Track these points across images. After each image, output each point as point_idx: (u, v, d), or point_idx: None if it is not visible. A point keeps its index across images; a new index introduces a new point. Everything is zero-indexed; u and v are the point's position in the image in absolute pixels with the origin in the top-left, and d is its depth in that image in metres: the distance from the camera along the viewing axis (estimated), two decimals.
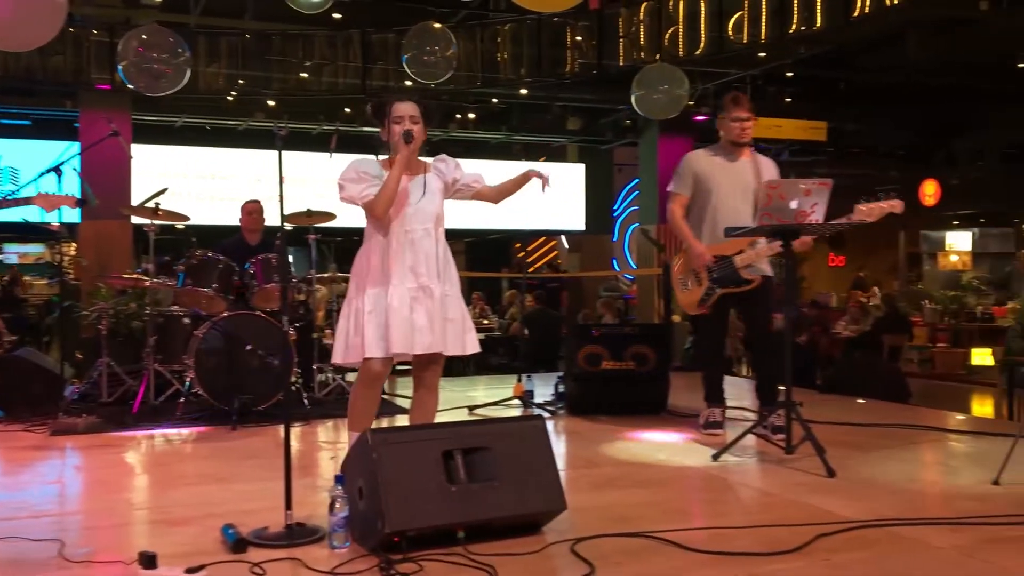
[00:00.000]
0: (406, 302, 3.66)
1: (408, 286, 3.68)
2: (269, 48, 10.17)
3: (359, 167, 3.73)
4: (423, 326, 3.67)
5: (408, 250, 3.70)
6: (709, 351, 5.36)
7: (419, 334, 3.67)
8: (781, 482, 4.03)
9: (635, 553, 3.01)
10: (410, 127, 3.70)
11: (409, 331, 3.65)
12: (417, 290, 3.69)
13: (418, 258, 3.71)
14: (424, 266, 3.72)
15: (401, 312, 3.65)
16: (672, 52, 9.51)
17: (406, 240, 3.71)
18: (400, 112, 3.72)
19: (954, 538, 3.16)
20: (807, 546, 3.04)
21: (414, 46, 7.86)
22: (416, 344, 3.67)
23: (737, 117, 4.97)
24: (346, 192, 3.70)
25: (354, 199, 3.69)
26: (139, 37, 7.16)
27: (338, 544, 3.02)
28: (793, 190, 4.23)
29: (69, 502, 4.01)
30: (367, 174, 3.71)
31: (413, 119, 3.72)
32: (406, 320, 3.65)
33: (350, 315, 3.74)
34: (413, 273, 3.70)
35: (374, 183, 3.68)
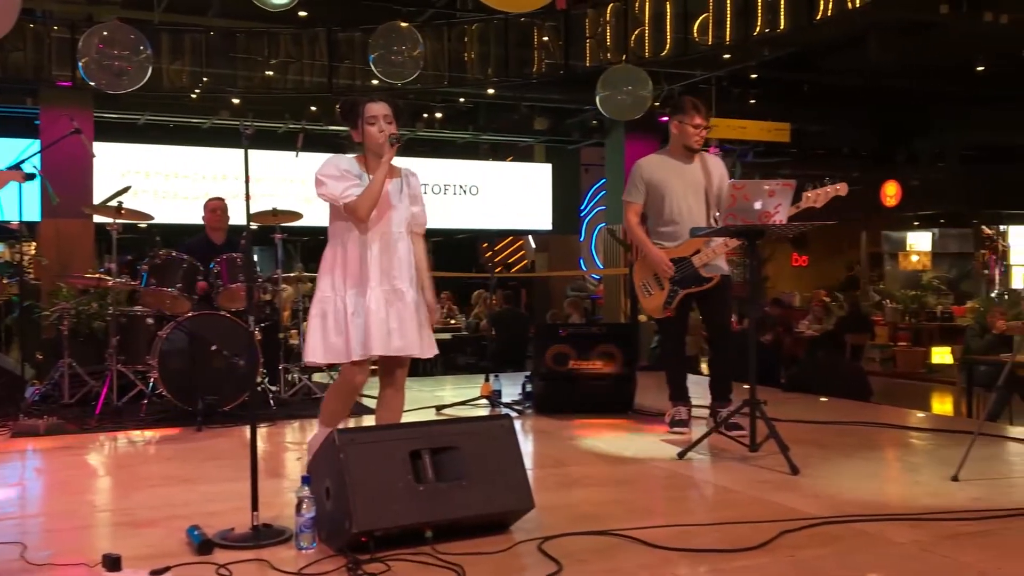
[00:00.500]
0: (383, 304, 3.67)
1: (384, 288, 3.69)
2: (234, 46, 10.08)
3: (340, 164, 3.70)
4: (395, 328, 3.69)
5: (384, 253, 3.71)
6: (672, 350, 5.42)
7: (394, 336, 3.68)
8: (745, 479, 4.07)
9: (602, 551, 3.03)
10: (384, 127, 3.69)
11: (386, 333, 3.66)
12: (391, 292, 3.70)
13: (392, 261, 3.72)
14: (397, 269, 3.73)
15: (379, 314, 3.66)
16: (638, 53, 9.56)
17: (383, 242, 3.71)
18: (374, 112, 3.71)
19: (914, 534, 3.21)
20: (771, 542, 3.08)
21: (381, 45, 7.84)
22: (392, 346, 3.68)
23: (696, 124, 5.06)
24: (327, 189, 3.66)
25: (336, 197, 3.66)
26: (100, 34, 7.07)
27: (305, 545, 3.00)
28: (757, 191, 4.28)
29: (30, 504, 3.96)
30: (349, 172, 3.69)
31: (387, 119, 3.72)
32: (383, 322, 3.66)
33: (328, 314, 3.72)
34: (388, 276, 3.71)
35: (356, 183, 3.67)
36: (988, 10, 10.11)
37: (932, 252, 18.75)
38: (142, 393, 5.78)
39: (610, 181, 14.94)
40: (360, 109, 3.71)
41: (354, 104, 3.76)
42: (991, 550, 3.03)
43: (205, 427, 5.32)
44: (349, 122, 3.77)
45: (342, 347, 3.68)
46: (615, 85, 8.51)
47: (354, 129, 3.75)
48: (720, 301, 5.12)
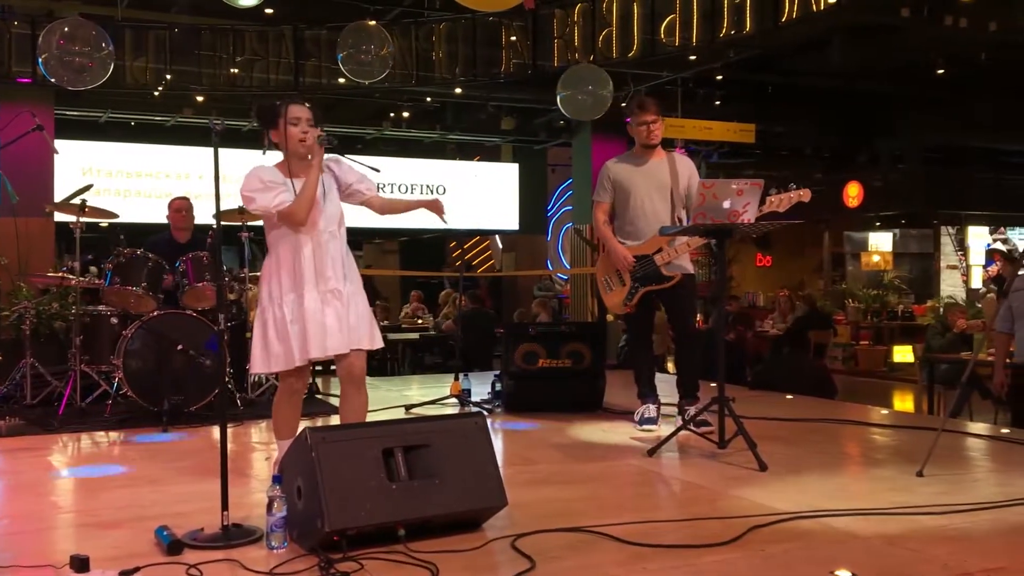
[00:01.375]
0: (319, 306, 3.66)
1: (320, 289, 3.68)
2: (198, 43, 9.97)
3: (263, 176, 3.66)
4: (333, 327, 3.67)
5: (316, 254, 3.69)
6: (638, 348, 5.45)
7: (330, 336, 3.67)
8: (715, 476, 4.11)
9: (575, 547, 3.04)
10: (308, 129, 3.67)
11: (323, 335, 3.65)
12: (326, 293, 3.69)
13: (325, 261, 3.70)
14: (331, 269, 3.72)
15: (316, 317, 3.65)
16: (605, 54, 9.59)
17: (314, 244, 3.69)
18: (297, 114, 3.68)
19: (881, 528, 3.25)
20: (741, 538, 3.11)
21: (350, 44, 7.79)
22: (328, 347, 3.67)
23: (643, 120, 5.11)
24: (257, 203, 3.63)
25: (268, 209, 3.63)
26: (61, 30, 6.96)
27: (276, 544, 2.98)
28: (726, 190, 4.31)
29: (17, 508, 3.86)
30: (273, 182, 3.65)
31: (309, 122, 3.69)
32: (320, 325, 3.65)
33: (268, 322, 3.69)
34: (322, 277, 3.69)
35: (283, 189, 3.64)
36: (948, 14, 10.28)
37: (893, 252, 19.01)
38: (107, 393, 5.70)
39: (577, 181, 14.96)
40: (281, 109, 3.68)
41: (274, 105, 3.73)
42: (956, 543, 3.08)
43: (171, 427, 5.27)
44: (266, 123, 3.72)
45: (282, 355, 3.67)
46: (576, 84, 8.53)
47: (272, 129, 3.71)
48: (684, 300, 5.17)
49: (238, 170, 11.18)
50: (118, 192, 13.29)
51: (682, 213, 5.17)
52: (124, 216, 10.17)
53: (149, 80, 9.95)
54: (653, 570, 2.84)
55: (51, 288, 6.69)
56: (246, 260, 6.26)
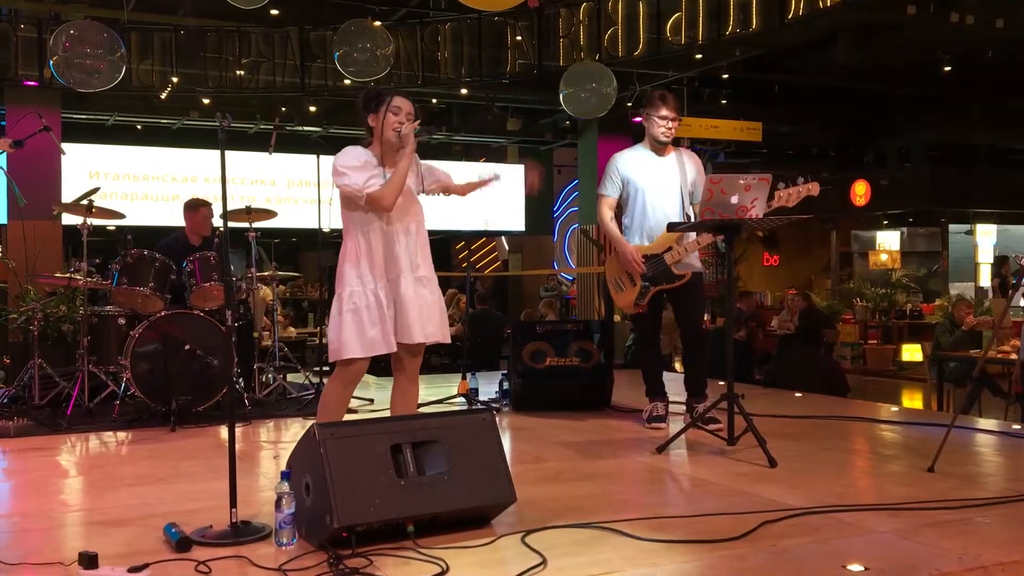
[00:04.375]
0: (413, 291, 3.73)
1: (416, 276, 3.75)
2: (204, 45, 9.98)
3: (360, 155, 3.70)
4: (427, 315, 3.75)
5: (409, 243, 3.75)
6: (647, 347, 5.43)
7: (426, 323, 3.75)
8: (724, 472, 4.09)
9: (585, 543, 3.02)
10: (403, 121, 3.70)
11: (421, 319, 3.73)
12: (421, 279, 3.77)
13: (415, 249, 3.78)
14: (421, 257, 3.80)
15: (415, 302, 3.72)
16: (611, 52, 9.57)
17: (407, 231, 3.76)
18: (399, 104, 3.74)
19: (893, 522, 3.23)
20: (752, 532, 3.09)
21: (345, 43, 7.76)
22: (426, 332, 3.75)
23: (664, 116, 5.05)
24: (350, 180, 3.62)
25: (360, 188, 3.62)
26: (68, 32, 6.96)
27: (285, 541, 2.97)
28: (733, 186, 4.29)
29: (1, 505, 3.88)
30: (370, 163, 3.68)
31: (409, 115, 3.73)
32: (420, 309, 3.73)
33: (361, 307, 3.69)
34: (414, 263, 3.76)
35: (377, 174, 3.66)
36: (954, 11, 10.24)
37: (901, 251, 18.94)
38: (115, 394, 5.70)
39: (583, 182, 14.94)
40: (387, 97, 3.76)
41: (380, 93, 3.82)
42: (970, 537, 3.06)
43: (179, 427, 5.26)
44: (369, 107, 3.76)
45: (380, 339, 3.68)
46: (578, 82, 8.50)
47: (372, 114, 3.74)
48: (693, 299, 5.13)
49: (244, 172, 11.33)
50: (125, 195, 13.32)
51: (690, 210, 5.15)
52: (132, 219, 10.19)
53: (155, 82, 9.96)
54: (664, 565, 2.82)
55: (58, 290, 6.69)
56: (253, 261, 6.25)
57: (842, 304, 16.15)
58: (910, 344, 14.66)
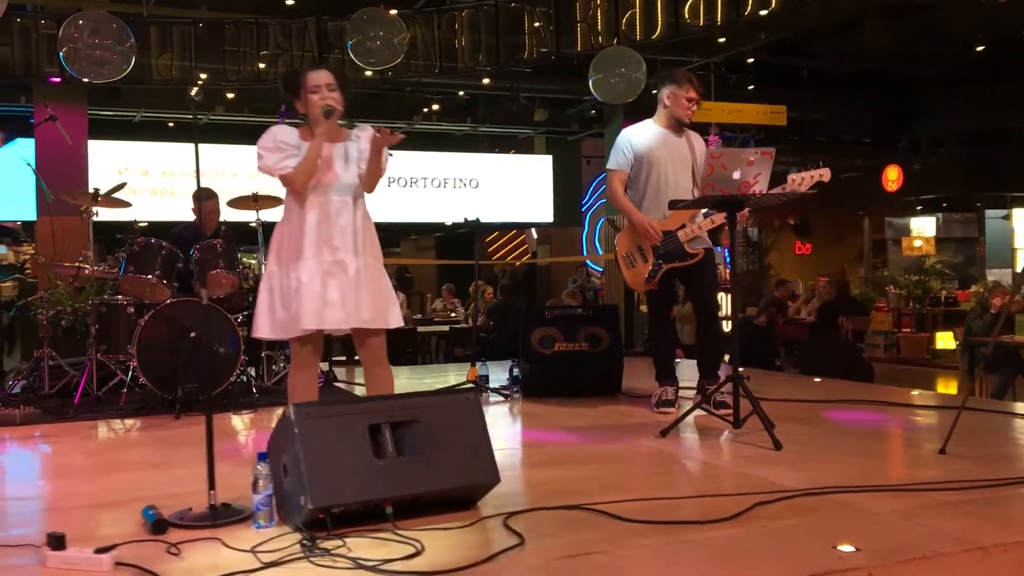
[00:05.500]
0: (317, 277, 3.59)
1: (324, 259, 3.61)
2: (222, 38, 9.99)
3: (277, 136, 3.65)
4: (335, 300, 3.60)
5: (323, 222, 3.62)
6: (657, 329, 5.31)
7: (330, 309, 3.59)
8: (727, 455, 3.99)
9: (570, 524, 2.93)
10: (326, 96, 3.61)
11: (320, 306, 3.58)
12: (332, 264, 3.61)
13: (333, 231, 3.63)
14: (339, 239, 3.64)
15: (311, 287, 3.58)
16: (630, 36, 9.43)
17: (322, 212, 3.63)
18: (316, 81, 3.65)
19: (895, 504, 3.11)
20: (745, 513, 2.98)
21: (358, 31, 7.71)
22: (327, 319, 3.60)
23: (691, 97, 4.95)
24: (263, 162, 3.63)
25: (271, 169, 3.62)
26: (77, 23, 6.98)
27: (263, 523, 2.91)
28: (736, 160, 4.17)
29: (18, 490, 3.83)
30: (286, 144, 3.63)
31: (330, 87, 3.64)
32: (317, 296, 3.58)
33: (275, 289, 3.66)
34: (328, 247, 3.62)
35: (292, 154, 3.60)
36: None
37: (936, 237, 18.56)
38: (123, 382, 5.70)
39: None
40: (302, 79, 3.67)
41: (296, 74, 3.73)
42: (972, 518, 2.93)
43: (184, 415, 5.24)
44: (292, 93, 3.71)
45: (287, 322, 3.62)
46: (607, 68, 8.39)
47: (297, 100, 3.69)
48: (705, 277, 5.01)
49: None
50: (153, 191, 13.41)
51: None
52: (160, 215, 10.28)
53: (175, 76, 9.98)
54: (646, 546, 2.72)
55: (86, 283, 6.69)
56: (259, 247, 6.22)
57: (876, 292, 15.84)
58: (944, 332, 14.35)
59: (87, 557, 2.55)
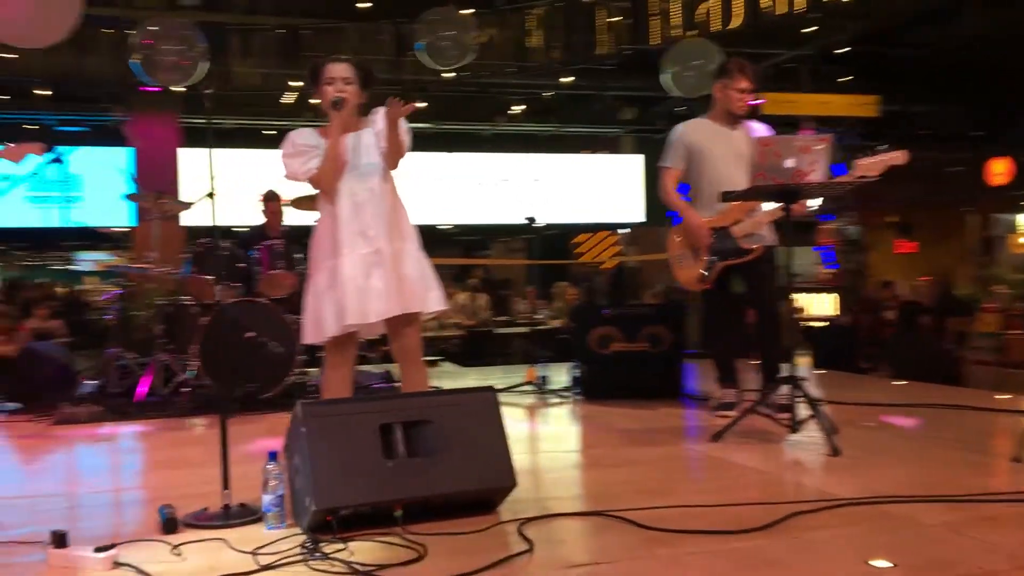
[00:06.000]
0: (360, 269, 3.50)
1: (360, 252, 3.51)
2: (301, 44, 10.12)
3: (296, 140, 3.56)
4: (378, 290, 3.49)
5: (356, 214, 3.53)
6: (717, 329, 5.06)
7: (374, 301, 3.48)
8: (779, 461, 3.76)
9: (587, 532, 2.80)
10: (342, 88, 3.52)
11: (364, 299, 3.48)
12: (370, 254, 3.52)
13: (367, 220, 3.54)
14: (374, 228, 3.54)
15: (356, 281, 3.48)
16: (706, 28, 9.16)
17: (351, 204, 3.54)
18: (332, 74, 3.54)
19: (948, 515, 2.85)
20: (779, 523, 2.77)
21: (428, 32, 7.67)
22: (371, 312, 3.49)
23: (741, 88, 4.71)
24: (289, 170, 3.55)
25: (297, 175, 3.54)
26: (148, 30, 7.14)
27: (273, 524, 2.85)
28: (788, 147, 3.93)
29: (32, 486, 3.88)
30: (306, 146, 3.55)
31: (346, 80, 3.53)
32: (361, 289, 3.48)
33: (320, 292, 3.58)
34: (363, 237, 3.52)
35: (315, 154, 3.53)
36: None
37: None
38: (187, 381, 5.76)
39: None
40: (320, 71, 3.56)
41: (316, 67, 3.62)
42: None
43: (243, 414, 5.25)
44: (313, 84, 3.62)
45: (333, 319, 3.53)
46: (682, 60, 8.14)
47: (316, 91, 3.60)
48: (764, 275, 4.74)
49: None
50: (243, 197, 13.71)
51: None
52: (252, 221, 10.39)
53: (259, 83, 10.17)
54: (661, 555, 2.55)
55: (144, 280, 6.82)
56: None
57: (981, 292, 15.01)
58: None
59: (86, 556, 2.53)
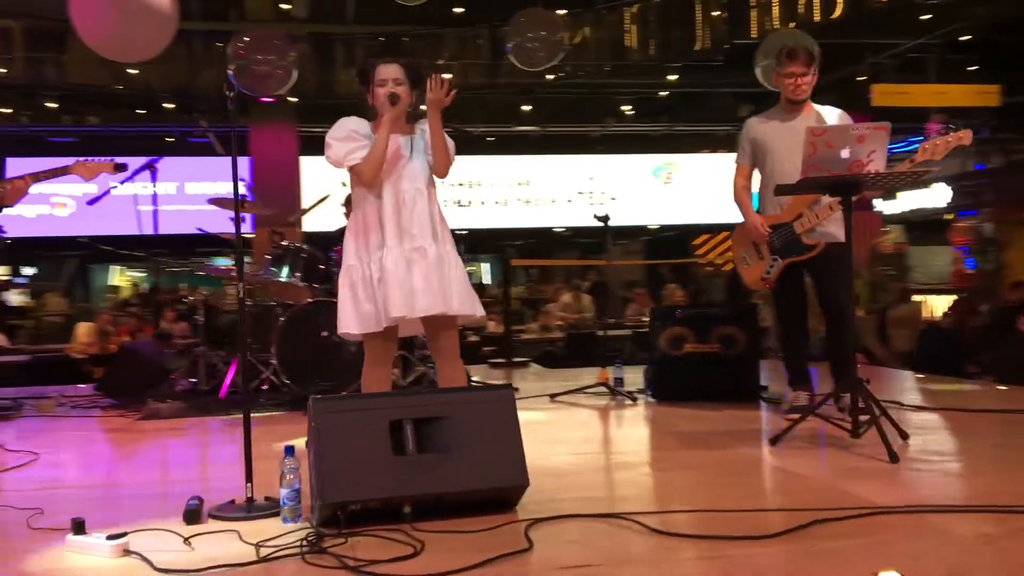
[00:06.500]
0: (402, 265, 3.51)
1: (404, 247, 3.53)
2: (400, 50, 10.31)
3: (349, 125, 3.60)
4: (420, 287, 3.50)
5: (399, 211, 3.55)
6: (787, 330, 4.85)
7: (418, 296, 3.49)
8: (830, 467, 3.58)
9: (595, 534, 2.71)
10: (394, 89, 3.56)
11: (408, 293, 3.49)
12: (412, 251, 3.53)
13: (412, 218, 3.55)
14: (418, 227, 3.56)
15: (397, 275, 3.50)
16: (807, 18, 8.84)
17: (398, 201, 3.56)
18: (384, 75, 3.59)
19: (987, 527, 2.64)
20: (796, 531, 2.63)
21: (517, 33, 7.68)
22: (416, 306, 3.50)
23: (791, 72, 4.52)
24: (333, 152, 3.56)
25: (340, 160, 3.56)
26: (242, 40, 7.40)
27: (288, 518, 2.89)
28: (843, 136, 3.74)
29: (92, 477, 4.04)
30: (357, 133, 3.58)
31: (397, 81, 3.58)
32: (404, 284, 3.50)
33: (357, 282, 3.60)
34: (407, 235, 3.54)
35: (363, 145, 3.56)
36: None
37: None
38: (271, 380, 5.94)
39: None
40: (372, 73, 3.61)
41: (366, 68, 3.67)
42: None
43: None
44: (364, 85, 3.66)
45: (372, 315, 3.56)
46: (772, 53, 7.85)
47: (368, 93, 3.65)
48: (831, 272, 4.50)
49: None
50: None
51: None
52: None
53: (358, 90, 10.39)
54: (661, 560, 2.46)
55: None
56: None
57: None
58: None
59: (98, 543, 2.62)
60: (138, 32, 6.29)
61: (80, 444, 4.79)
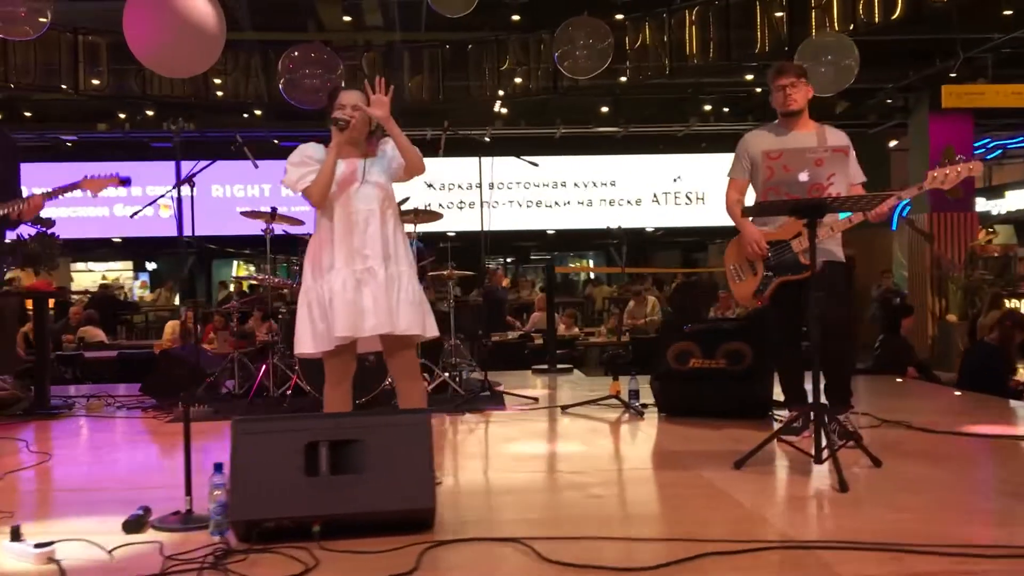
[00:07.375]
0: (350, 285, 3.63)
1: (354, 268, 3.64)
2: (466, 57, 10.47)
3: (306, 151, 3.73)
4: (368, 308, 3.61)
5: (350, 233, 3.66)
6: (779, 349, 4.74)
7: (365, 316, 3.60)
8: (770, 495, 3.55)
9: (486, 559, 2.79)
10: (350, 114, 3.67)
11: (355, 313, 3.60)
12: (363, 272, 3.64)
13: (364, 240, 3.66)
14: (370, 247, 3.66)
15: (345, 296, 3.61)
16: (867, 20, 8.55)
17: (350, 223, 3.67)
18: (344, 100, 3.70)
19: (881, 567, 2.58)
20: (676, 564, 2.64)
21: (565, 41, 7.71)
22: (364, 326, 3.61)
23: (778, 85, 4.43)
24: (288, 176, 3.71)
25: (294, 185, 3.71)
26: (291, 55, 7.67)
27: (213, 531, 3.06)
28: (799, 160, 3.69)
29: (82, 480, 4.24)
30: (311, 159, 3.71)
31: (355, 108, 3.68)
32: (350, 303, 3.61)
33: (313, 302, 3.72)
34: (358, 255, 3.65)
35: (315, 169, 3.68)
36: None
37: None
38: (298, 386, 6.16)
39: (912, 167, 13.65)
40: (335, 97, 3.74)
41: (332, 91, 3.81)
42: None
43: None
44: (330, 108, 3.78)
45: (325, 334, 3.68)
46: (815, 55, 7.66)
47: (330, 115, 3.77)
48: (828, 289, 4.38)
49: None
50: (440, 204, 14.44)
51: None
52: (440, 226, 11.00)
53: (426, 97, 10.62)
54: None
55: None
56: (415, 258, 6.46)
57: None
58: None
59: (25, 550, 2.84)
60: (185, 49, 6.63)
61: (97, 446, 5.10)
